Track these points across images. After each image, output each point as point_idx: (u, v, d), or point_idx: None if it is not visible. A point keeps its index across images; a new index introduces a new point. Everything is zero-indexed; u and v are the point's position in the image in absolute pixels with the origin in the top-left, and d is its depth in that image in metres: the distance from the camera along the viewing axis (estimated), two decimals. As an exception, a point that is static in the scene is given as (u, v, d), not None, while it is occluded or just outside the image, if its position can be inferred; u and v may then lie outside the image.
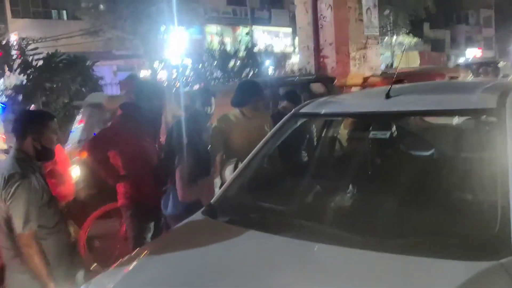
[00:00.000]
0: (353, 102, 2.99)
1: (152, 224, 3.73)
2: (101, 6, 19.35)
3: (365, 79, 9.21)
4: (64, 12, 23.69)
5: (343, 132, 3.29)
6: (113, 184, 3.74)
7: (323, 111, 2.90)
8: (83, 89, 9.80)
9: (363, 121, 2.94)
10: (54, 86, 10.08)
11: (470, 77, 8.03)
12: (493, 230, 1.83)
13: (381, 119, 2.73)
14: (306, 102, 3.11)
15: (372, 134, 2.68)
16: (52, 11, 23.90)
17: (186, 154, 3.26)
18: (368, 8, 12.54)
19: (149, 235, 3.69)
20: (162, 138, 3.80)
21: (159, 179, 3.61)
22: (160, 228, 3.74)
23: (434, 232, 1.95)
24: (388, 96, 2.55)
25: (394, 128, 2.91)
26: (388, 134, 2.60)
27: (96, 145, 3.73)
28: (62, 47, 12.25)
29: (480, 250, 1.76)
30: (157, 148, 3.80)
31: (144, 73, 20.80)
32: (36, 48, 10.72)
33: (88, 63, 10.73)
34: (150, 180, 3.63)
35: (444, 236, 1.91)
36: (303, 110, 2.95)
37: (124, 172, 3.66)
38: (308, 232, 2.03)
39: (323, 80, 9.17)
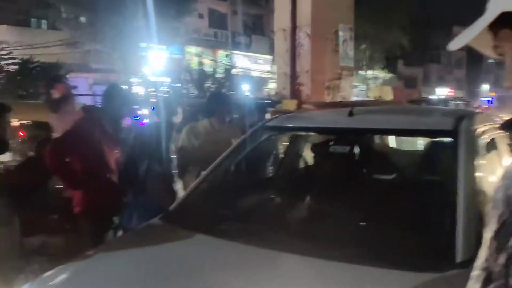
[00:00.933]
0: (317, 118, 3.07)
1: (110, 234, 3.64)
2: (82, 18, 19.29)
3: (299, 106, 9.58)
4: (44, 21, 23.49)
5: (307, 146, 3.35)
6: (71, 190, 3.64)
7: (289, 125, 2.95)
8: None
9: (326, 136, 3.01)
10: (25, 92, 9.92)
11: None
12: (440, 244, 1.88)
13: (343, 135, 2.80)
14: (273, 116, 3.17)
15: (332, 148, 2.74)
16: (32, 19, 23.68)
17: (151, 162, 3.24)
18: (345, 40, 12.89)
19: None
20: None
21: (118, 188, 3.54)
22: None
23: (385, 244, 1.99)
24: (351, 114, 2.63)
25: (357, 146, 2.97)
26: (348, 149, 2.66)
27: (55, 149, 3.58)
28: (39, 56, 12.11)
29: (427, 262, 1.80)
30: (118, 156, 3.70)
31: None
32: (10, 53, 10.58)
33: (62, 72, 10.64)
34: (109, 189, 3.53)
35: (395, 248, 1.95)
36: (269, 124, 3.00)
37: (82, 179, 3.53)
38: (261, 240, 2.04)
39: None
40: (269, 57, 27.82)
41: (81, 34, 18.70)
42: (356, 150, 2.64)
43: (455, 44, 0.85)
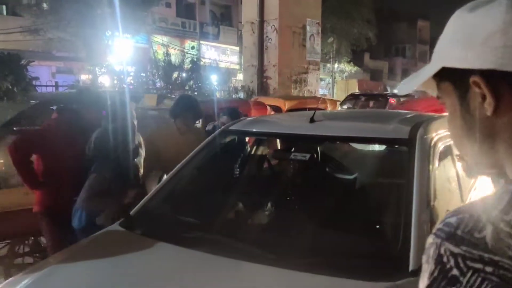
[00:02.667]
0: (280, 123, 3.09)
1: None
2: (44, 5, 18.67)
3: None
4: (4, 7, 22.62)
5: (268, 152, 3.38)
6: (31, 189, 3.58)
7: (251, 130, 2.97)
8: (14, 88, 9.35)
9: (288, 142, 3.04)
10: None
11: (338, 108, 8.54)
12: (394, 252, 1.94)
13: (304, 142, 2.84)
14: (237, 120, 3.18)
15: (293, 155, 2.78)
16: (-9, 5, 22.78)
17: (105, 164, 3.17)
18: (312, 35, 12.99)
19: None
20: None
21: (79, 189, 3.48)
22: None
23: (340, 253, 2.04)
24: (312, 120, 2.66)
25: (317, 152, 3.02)
26: (308, 156, 2.70)
27: (19, 145, 3.50)
28: (-1, 43, 11.70)
29: (380, 271, 1.86)
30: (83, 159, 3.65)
31: (84, 77, 20.20)
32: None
33: (22, 62, 10.28)
34: (70, 190, 3.41)
35: (349, 256, 2.01)
36: (232, 127, 3.01)
37: (44, 178, 3.49)
38: (221, 248, 2.07)
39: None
40: (237, 48, 27.72)
41: (43, 21, 18.10)
42: (316, 156, 2.69)
43: (403, 89, 0.89)
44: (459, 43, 0.75)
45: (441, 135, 2.58)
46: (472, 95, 0.75)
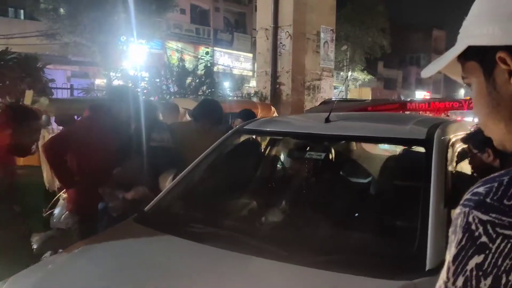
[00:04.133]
0: (295, 123, 3.09)
1: None
2: (61, 10, 18.95)
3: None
4: (22, 11, 23.01)
5: (283, 151, 3.37)
6: (66, 188, 3.59)
7: (266, 129, 2.97)
8: (31, 90, 9.48)
9: (303, 142, 3.03)
10: (1, 84, 9.67)
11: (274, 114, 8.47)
12: (411, 252, 1.92)
13: (320, 141, 2.83)
14: (252, 120, 3.18)
15: (308, 154, 2.77)
16: (9, 9, 23.17)
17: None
18: (326, 42, 12.98)
19: None
20: None
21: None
22: None
23: (358, 251, 2.02)
24: (327, 120, 2.66)
25: (332, 152, 3.01)
26: (323, 155, 2.69)
27: (54, 145, 3.51)
28: (16, 46, 11.84)
29: (397, 270, 1.84)
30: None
31: (98, 81, 20.41)
32: (-15, 43, 10.32)
33: (39, 64, 10.41)
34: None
35: (366, 255, 1.99)
36: (247, 127, 3.01)
37: (78, 177, 3.48)
38: (233, 243, 2.06)
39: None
40: (251, 55, 27.83)
41: (60, 25, 18.36)
42: (331, 156, 2.67)
43: (426, 72, 0.89)
44: (485, 20, 0.75)
45: (458, 137, 2.56)
46: (498, 72, 0.74)
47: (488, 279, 0.61)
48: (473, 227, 0.64)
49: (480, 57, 0.77)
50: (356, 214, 2.34)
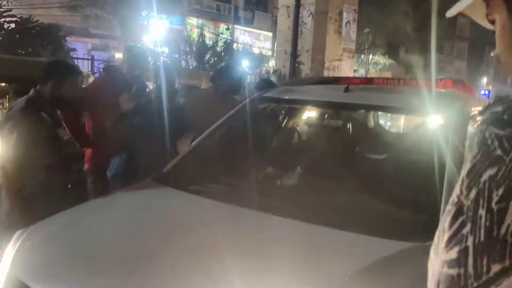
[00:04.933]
0: (314, 92, 3.10)
1: None
2: (84, -19, 19.00)
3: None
4: (44, -18, 23.09)
5: (302, 119, 3.39)
6: (82, 147, 3.67)
7: (285, 97, 2.99)
8: (53, 58, 9.62)
9: (321, 110, 3.05)
10: (23, 52, 9.82)
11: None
12: (423, 217, 1.95)
13: (338, 109, 2.84)
14: (270, 88, 3.20)
15: (326, 121, 2.79)
16: (33, -21, 23.25)
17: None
18: (348, 22, 12.81)
19: None
20: None
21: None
22: None
23: (373, 214, 2.05)
24: (347, 90, 2.66)
25: (350, 123, 3.02)
26: (341, 123, 2.70)
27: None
28: (38, 17, 11.96)
29: (409, 233, 1.87)
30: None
31: (118, 55, 20.52)
32: (10, 10, 10.44)
33: (61, 34, 10.53)
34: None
35: (380, 218, 2.02)
36: (265, 95, 3.03)
37: (93, 136, 3.56)
38: (248, 201, 2.10)
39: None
40: (271, 34, 27.61)
41: (81, -3, 18.46)
42: (350, 125, 2.69)
43: (451, 12, 0.91)
44: None
45: (476, 110, 2.55)
46: None
47: (500, 189, 0.64)
48: (489, 141, 0.67)
49: None
50: (371, 181, 2.36)
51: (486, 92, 30.89)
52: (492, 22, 0.84)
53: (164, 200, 2.26)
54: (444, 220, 0.75)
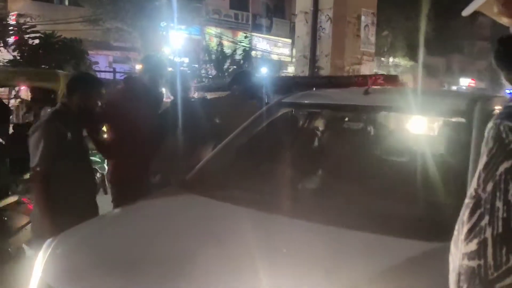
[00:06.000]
0: (334, 95, 3.10)
1: None
2: (103, -4, 19.38)
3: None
4: (66, -3, 23.67)
5: (322, 123, 3.39)
6: (105, 158, 3.70)
7: (305, 101, 3.00)
8: (76, 71, 9.84)
9: (342, 113, 3.05)
10: (47, 66, 10.08)
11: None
12: (445, 217, 1.93)
13: (358, 112, 2.84)
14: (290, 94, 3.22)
15: (346, 124, 2.79)
16: (54, -5, 23.86)
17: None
18: (367, 25, 12.75)
19: None
20: None
21: (148, 162, 3.56)
22: None
23: (395, 215, 2.05)
24: (366, 92, 2.66)
25: (371, 126, 3.01)
26: (361, 126, 2.70)
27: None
28: (61, 31, 12.24)
29: (431, 233, 1.86)
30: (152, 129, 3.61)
31: (139, 67, 20.83)
32: (34, 26, 10.74)
33: (83, 48, 10.79)
34: (140, 159, 3.52)
35: (402, 219, 2.02)
36: (286, 100, 3.05)
37: (115, 148, 3.56)
38: (270, 206, 2.12)
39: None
40: (289, 40, 27.62)
41: (102, 11, 18.81)
42: (370, 127, 2.68)
43: (467, 11, 0.92)
44: None
45: (498, 111, 2.52)
46: None
47: None
48: (504, 135, 0.68)
49: None
50: (394, 184, 2.35)
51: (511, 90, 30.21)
52: (507, 17, 0.84)
53: (189, 207, 2.30)
54: (463, 213, 0.76)
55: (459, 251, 0.74)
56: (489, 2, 0.85)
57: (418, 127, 3.62)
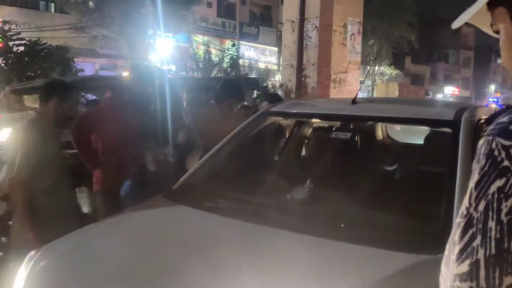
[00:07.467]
0: (321, 105, 3.10)
1: None
2: (90, 3, 19.29)
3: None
4: (52, 4, 23.51)
5: (309, 133, 3.39)
6: (92, 169, 3.64)
7: (292, 111, 2.99)
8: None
9: (329, 123, 3.05)
10: (32, 74, 9.97)
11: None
12: (435, 229, 1.93)
13: (346, 122, 2.84)
14: (278, 103, 3.21)
15: (334, 134, 2.78)
16: (41, 2, 23.70)
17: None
18: (353, 34, 12.84)
19: None
20: None
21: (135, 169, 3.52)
22: None
23: (384, 227, 2.04)
24: (354, 102, 2.66)
25: (358, 135, 3.01)
26: (349, 135, 2.70)
27: (78, 126, 3.56)
28: (47, 39, 12.13)
29: (422, 245, 1.85)
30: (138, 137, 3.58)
31: (125, 74, 20.74)
32: (18, 33, 10.62)
33: (69, 55, 10.69)
34: (127, 168, 3.51)
35: (392, 231, 2.01)
36: (273, 109, 3.04)
37: (103, 158, 3.53)
38: (258, 217, 2.09)
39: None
40: (276, 49, 27.79)
41: (88, 18, 18.71)
42: (357, 139, 2.68)
43: (457, 23, 0.91)
44: None
45: (483, 120, 2.53)
46: None
47: (510, 200, 0.64)
48: (496, 153, 0.67)
49: (507, 3, 0.79)
50: (382, 195, 2.34)
51: (495, 99, 30.80)
52: (497, 32, 0.84)
53: (175, 218, 2.26)
54: (454, 233, 0.74)
55: (450, 272, 0.72)
56: (480, 13, 0.84)
57: (405, 136, 3.63)
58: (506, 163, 0.66)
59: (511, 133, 0.68)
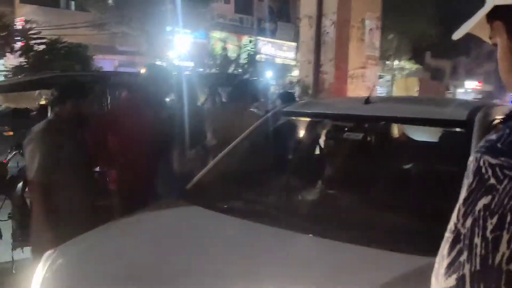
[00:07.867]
0: (334, 105, 3.10)
1: None
2: (109, 1, 19.48)
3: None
4: (73, 2, 23.80)
5: (322, 133, 3.39)
6: (108, 169, 3.68)
7: (305, 111, 3.00)
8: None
9: (342, 123, 3.04)
10: (53, 71, 10.13)
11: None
12: (442, 231, 1.92)
13: (359, 122, 2.83)
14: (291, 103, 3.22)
15: (346, 134, 2.78)
16: (61, 0, 24.01)
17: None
18: (371, 29, 12.71)
19: None
20: None
21: (154, 170, 3.55)
22: None
23: (390, 229, 2.03)
24: (367, 101, 2.66)
25: (372, 135, 3.01)
26: (361, 136, 2.70)
27: (94, 126, 3.59)
28: (67, 36, 12.31)
29: (427, 247, 1.84)
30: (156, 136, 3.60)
31: (144, 71, 20.89)
32: (39, 32, 10.82)
33: (89, 53, 10.86)
34: (144, 171, 3.52)
35: (398, 232, 2.00)
36: (286, 109, 3.05)
37: (119, 158, 3.54)
38: (270, 218, 2.11)
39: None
40: (294, 44, 27.66)
41: (108, 16, 18.91)
42: (370, 137, 2.68)
43: (457, 34, 0.92)
44: None
45: (498, 120, 2.50)
46: None
47: (494, 218, 0.65)
48: (483, 170, 0.68)
49: (505, 17, 0.79)
50: (392, 195, 2.34)
51: (518, 94, 30.11)
52: (495, 44, 0.84)
53: (188, 219, 2.30)
54: (443, 247, 0.76)
55: (439, 285, 0.74)
56: (481, 23, 0.85)
57: (423, 133, 3.59)
58: (492, 181, 0.68)
59: (498, 151, 0.69)
